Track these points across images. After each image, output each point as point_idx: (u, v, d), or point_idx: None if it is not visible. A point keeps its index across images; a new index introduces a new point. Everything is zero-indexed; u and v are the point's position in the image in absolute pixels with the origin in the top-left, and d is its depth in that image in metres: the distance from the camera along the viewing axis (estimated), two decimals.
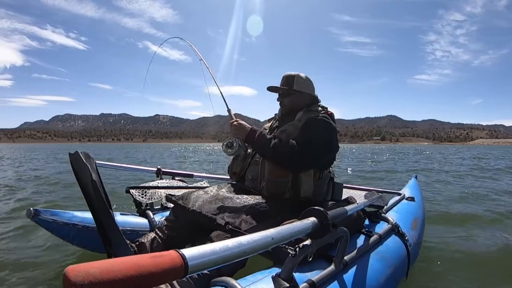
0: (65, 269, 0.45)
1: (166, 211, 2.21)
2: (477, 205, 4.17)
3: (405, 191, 2.71)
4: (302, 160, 1.52)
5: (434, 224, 3.17)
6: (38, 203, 4.19)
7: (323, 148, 1.56)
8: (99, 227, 1.15)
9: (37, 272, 2.06)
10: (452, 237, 2.82)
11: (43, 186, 5.68)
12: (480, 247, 2.59)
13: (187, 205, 1.49)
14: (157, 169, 2.43)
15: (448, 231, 2.99)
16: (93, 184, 1.11)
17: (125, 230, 1.88)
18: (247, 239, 0.69)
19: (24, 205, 3.93)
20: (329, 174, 1.77)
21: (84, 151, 1.20)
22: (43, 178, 6.90)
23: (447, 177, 7.59)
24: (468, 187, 5.78)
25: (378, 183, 6.76)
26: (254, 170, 1.72)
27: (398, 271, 1.62)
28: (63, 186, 5.59)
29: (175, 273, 0.54)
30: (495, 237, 2.81)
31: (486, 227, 3.12)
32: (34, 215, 1.72)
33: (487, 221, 3.34)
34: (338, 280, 1.23)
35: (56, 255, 2.28)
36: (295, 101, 1.74)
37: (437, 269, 2.17)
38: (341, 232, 1.13)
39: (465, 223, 3.29)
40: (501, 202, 4.40)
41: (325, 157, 1.60)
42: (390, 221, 1.84)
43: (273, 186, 1.58)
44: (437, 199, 4.59)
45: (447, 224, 3.23)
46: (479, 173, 8.71)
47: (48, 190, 5.24)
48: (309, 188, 1.59)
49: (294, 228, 0.84)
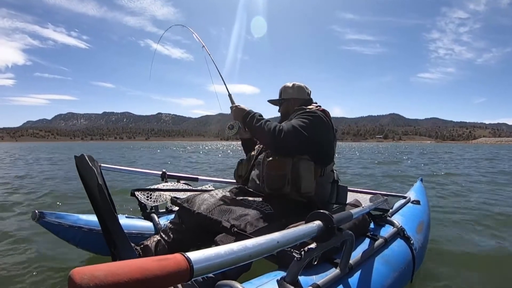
0: (71, 271, 0.45)
1: (171, 214, 2.22)
2: (485, 209, 4.12)
3: (410, 194, 2.69)
4: (285, 137, 1.57)
5: (440, 228, 3.14)
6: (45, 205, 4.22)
7: (303, 130, 1.61)
8: (104, 230, 1.15)
9: (43, 274, 2.07)
10: (458, 241, 2.80)
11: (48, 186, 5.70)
12: (487, 252, 2.56)
13: (192, 208, 1.50)
14: (162, 172, 2.44)
15: (454, 235, 2.97)
16: (99, 187, 1.12)
17: (130, 233, 1.89)
18: (252, 243, 0.69)
19: (29, 207, 3.96)
20: (332, 174, 1.79)
21: (89, 154, 1.21)
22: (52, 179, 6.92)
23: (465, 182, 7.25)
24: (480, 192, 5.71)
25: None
26: (257, 171, 1.74)
27: (403, 275, 1.61)
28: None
29: (181, 277, 0.53)
30: (502, 242, 2.78)
31: (494, 232, 3.08)
32: (39, 218, 1.73)
33: (495, 226, 3.30)
34: (343, 284, 1.23)
35: (61, 258, 2.28)
36: (287, 107, 1.94)
37: (442, 273, 2.14)
38: (346, 236, 1.12)
39: (473, 227, 3.25)
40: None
41: (305, 140, 1.61)
42: (396, 225, 1.83)
43: (272, 180, 1.59)
44: (443, 202, 4.55)
45: (453, 228, 3.20)
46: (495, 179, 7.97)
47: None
48: (310, 184, 1.59)
49: (299, 231, 0.84)
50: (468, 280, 2.07)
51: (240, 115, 1.76)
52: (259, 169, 1.70)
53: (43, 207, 4.18)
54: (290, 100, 1.92)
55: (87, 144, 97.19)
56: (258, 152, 1.83)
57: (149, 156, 18.84)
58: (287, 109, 1.93)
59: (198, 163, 13.50)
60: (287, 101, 1.93)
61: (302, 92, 1.93)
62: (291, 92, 1.93)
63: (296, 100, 1.91)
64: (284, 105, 1.95)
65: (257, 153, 1.83)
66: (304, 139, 1.59)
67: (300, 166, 1.57)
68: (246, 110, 1.76)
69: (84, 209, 3.31)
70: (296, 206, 1.57)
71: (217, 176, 3.04)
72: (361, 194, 2.56)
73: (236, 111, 1.79)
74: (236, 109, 1.80)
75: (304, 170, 1.58)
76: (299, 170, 1.57)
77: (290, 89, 1.93)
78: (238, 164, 1.95)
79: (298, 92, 1.93)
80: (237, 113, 1.79)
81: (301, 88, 1.94)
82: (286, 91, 1.94)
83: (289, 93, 1.93)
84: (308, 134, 1.60)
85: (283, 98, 1.94)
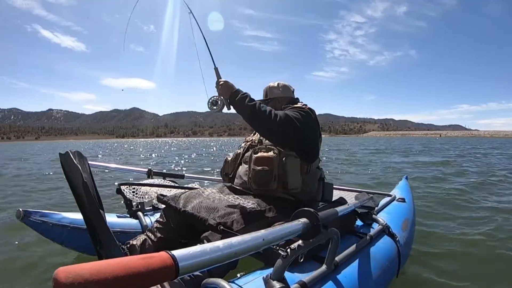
0: (55, 270, 0.45)
1: (157, 212, 2.20)
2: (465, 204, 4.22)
3: (395, 192, 2.74)
4: (280, 121, 1.56)
5: (425, 224, 3.21)
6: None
7: (297, 121, 1.62)
8: (89, 228, 1.14)
9: (27, 274, 2.04)
10: (443, 237, 2.86)
11: None
12: (470, 247, 2.63)
13: (178, 206, 1.49)
14: (148, 169, 2.43)
15: (439, 231, 3.03)
16: (84, 185, 1.10)
17: (115, 232, 1.87)
18: (238, 240, 0.69)
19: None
20: (318, 172, 1.81)
21: (76, 150, 1.19)
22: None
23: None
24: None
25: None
26: (243, 168, 1.75)
27: (389, 270, 1.64)
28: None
29: (166, 275, 0.54)
30: (486, 236, 2.85)
31: (477, 226, 3.16)
32: (23, 217, 1.70)
33: (477, 220, 3.38)
34: (330, 281, 1.24)
35: (46, 257, 2.25)
36: (274, 106, 1.86)
37: (427, 269, 2.20)
38: (332, 233, 1.14)
39: (455, 222, 3.33)
40: (492, 198, 4.45)
41: (296, 132, 1.62)
42: (381, 222, 1.86)
43: (258, 176, 1.59)
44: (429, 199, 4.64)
45: (437, 224, 3.27)
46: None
47: None
48: (296, 180, 1.61)
49: (285, 229, 0.85)
50: (453, 275, 2.12)
51: (229, 92, 1.63)
52: (246, 167, 1.71)
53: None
54: (277, 99, 1.93)
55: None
56: (244, 149, 1.83)
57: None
58: (274, 108, 1.93)
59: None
60: (274, 100, 1.93)
61: (288, 90, 1.96)
62: (277, 91, 1.94)
63: (283, 98, 1.92)
64: (271, 104, 1.92)
65: (244, 150, 1.83)
66: (296, 131, 1.60)
67: (287, 162, 1.59)
68: (235, 87, 1.65)
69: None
70: (282, 204, 1.57)
71: (204, 174, 3.03)
72: (346, 192, 2.59)
73: (224, 87, 1.65)
74: (224, 84, 1.65)
75: (291, 166, 1.60)
76: (286, 166, 1.58)
77: (276, 89, 1.94)
78: (224, 162, 1.94)
79: (284, 90, 1.94)
80: (224, 89, 1.64)
81: (286, 86, 1.96)
82: (272, 90, 1.95)
83: (275, 92, 1.94)
84: (300, 126, 1.62)
85: (270, 98, 1.94)
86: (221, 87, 1.66)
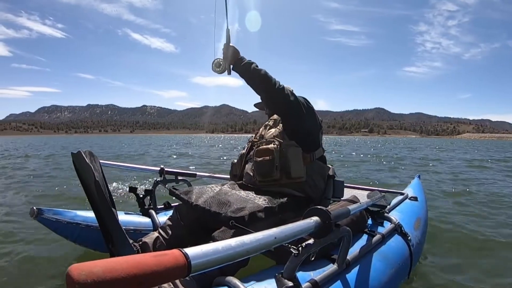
0: (68, 268, 0.45)
1: (169, 211, 2.22)
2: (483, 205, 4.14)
3: (408, 191, 2.70)
4: (287, 94, 1.60)
5: (437, 224, 3.16)
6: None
7: (302, 105, 1.65)
8: (101, 226, 1.15)
9: (41, 271, 2.07)
10: (455, 238, 2.82)
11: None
12: (484, 248, 2.58)
13: (190, 200, 1.50)
14: (160, 168, 2.44)
15: (452, 231, 2.98)
16: (96, 184, 1.11)
17: (128, 230, 1.89)
18: (250, 238, 0.69)
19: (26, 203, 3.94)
20: (326, 167, 1.80)
21: (88, 150, 1.21)
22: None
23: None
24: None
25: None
26: (249, 166, 1.78)
27: (400, 271, 1.62)
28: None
29: (178, 272, 0.54)
30: (500, 237, 2.80)
31: (492, 228, 3.10)
32: (37, 215, 1.73)
33: (493, 222, 3.32)
34: (341, 280, 1.23)
35: (59, 254, 2.28)
36: None
37: (439, 269, 2.16)
38: (344, 232, 1.12)
39: (470, 224, 3.27)
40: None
41: (301, 109, 1.65)
42: (393, 221, 1.83)
43: (260, 166, 1.63)
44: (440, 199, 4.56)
45: (451, 224, 3.21)
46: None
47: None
48: (300, 168, 1.62)
49: (297, 227, 0.84)
50: (465, 276, 2.08)
51: (235, 56, 1.62)
52: (251, 163, 1.73)
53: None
54: None
55: (72, 137, 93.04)
56: (248, 149, 1.86)
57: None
58: None
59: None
60: None
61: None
62: None
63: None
64: None
65: (247, 150, 1.86)
66: (298, 107, 1.63)
67: (288, 151, 1.61)
68: (239, 55, 1.64)
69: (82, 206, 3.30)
70: (293, 201, 1.57)
71: (215, 173, 3.03)
72: (358, 191, 2.57)
73: (232, 50, 1.63)
74: (232, 48, 1.63)
75: (292, 154, 1.61)
76: (287, 155, 1.60)
77: None
78: (232, 165, 2.02)
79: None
80: (232, 53, 1.63)
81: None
82: None
83: None
84: (305, 112, 1.65)
85: None
86: (231, 51, 1.63)
